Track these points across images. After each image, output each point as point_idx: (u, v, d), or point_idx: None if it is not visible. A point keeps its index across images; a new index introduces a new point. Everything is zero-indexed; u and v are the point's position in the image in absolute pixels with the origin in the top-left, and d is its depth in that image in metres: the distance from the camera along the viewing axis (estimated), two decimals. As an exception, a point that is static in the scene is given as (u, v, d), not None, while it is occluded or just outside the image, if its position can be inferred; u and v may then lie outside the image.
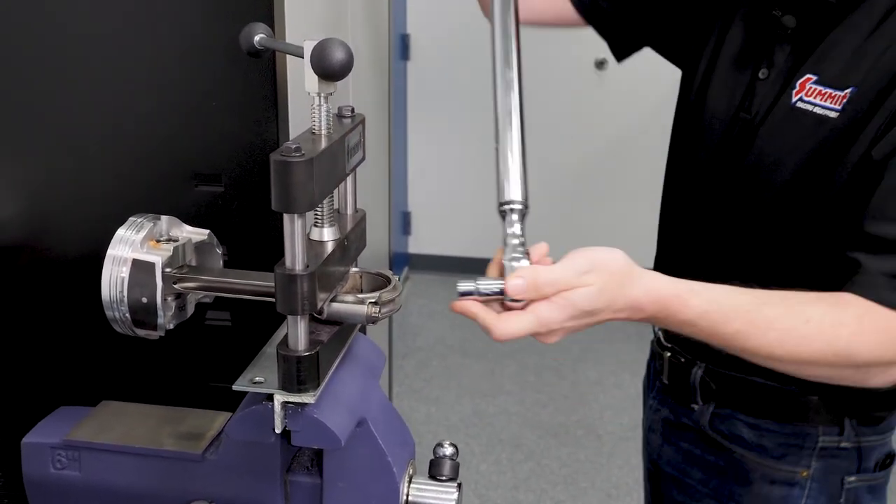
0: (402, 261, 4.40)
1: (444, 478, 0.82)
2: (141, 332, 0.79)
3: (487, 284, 0.83)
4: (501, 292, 0.82)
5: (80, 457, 0.85)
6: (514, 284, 0.81)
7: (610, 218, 4.27)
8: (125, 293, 0.77)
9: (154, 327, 0.78)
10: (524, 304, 0.82)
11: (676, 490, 1.27)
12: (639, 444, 1.48)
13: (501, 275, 0.85)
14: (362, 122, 0.81)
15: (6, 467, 0.98)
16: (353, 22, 1.23)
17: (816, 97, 1.01)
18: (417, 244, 4.50)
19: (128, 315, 0.78)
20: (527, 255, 0.85)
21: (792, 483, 1.13)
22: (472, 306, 0.84)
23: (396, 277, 0.82)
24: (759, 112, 1.07)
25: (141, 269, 0.77)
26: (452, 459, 0.83)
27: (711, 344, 0.91)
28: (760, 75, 1.08)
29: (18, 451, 0.86)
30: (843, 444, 1.12)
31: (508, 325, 0.82)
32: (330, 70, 0.70)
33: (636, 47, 1.33)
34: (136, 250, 0.77)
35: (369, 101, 1.38)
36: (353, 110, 0.80)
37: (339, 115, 0.79)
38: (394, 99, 1.64)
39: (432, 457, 0.83)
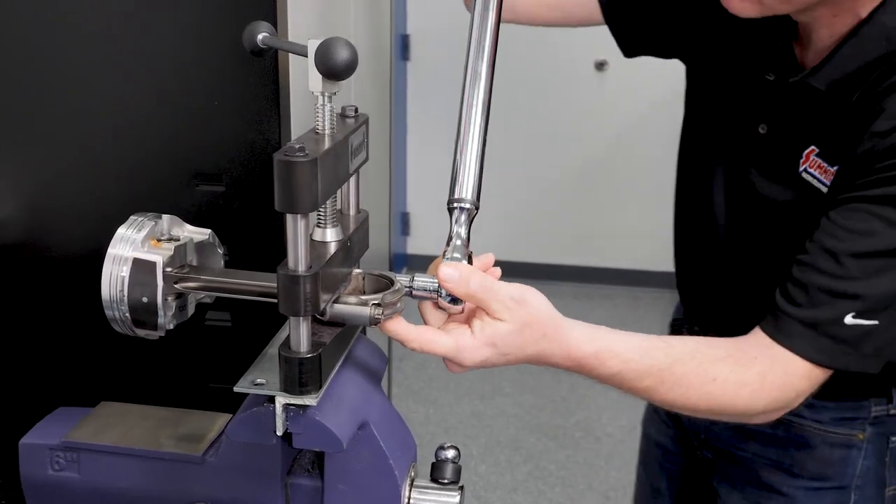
0: (401, 262, 4.39)
1: (446, 481, 0.82)
2: (141, 332, 0.79)
3: (423, 281, 0.82)
4: (435, 291, 0.81)
5: (79, 458, 0.84)
6: (447, 272, 0.79)
7: (609, 219, 4.26)
8: (125, 292, 0.76)
9: (154, 327, 0.78)
10: (451, 316, 0.82)
11: (726, 464, 1.30)
12: (637, 446, 1.48)
13: None
14: (366, 122, 0.81)
15: (4, 468, 0.97)
16: (354, 22, 1.23)
17: (816, 170, 1.03)
18: (416, 245, 4.49)
19: (128, 315, 0.77)
20: (469, 257, 0.84)
21: (850, 445, 1.22)
22: (394, 326, 0.80)
23: (399, 279, 0.82)
24: (762, 170, 1.09)
25: (141, 269, 0.76)
26: (454, 462, 0.82)
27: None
28: (760, 129, 1.10)
29: (17, 452, 0.86)
30: (892, 412, 1.21)
31: (428, 338, 0.80)
32: (335, 69, 0.70)
33: (646, 51, 1.33)
34: (136, 249, 0.77)
35: (369, 101, 1.38)
36: (356, 110, 0.79)
37: (343, 115, 0.79)
38: (394, 99, 1.64)
39: (433, 459, 0.83)
